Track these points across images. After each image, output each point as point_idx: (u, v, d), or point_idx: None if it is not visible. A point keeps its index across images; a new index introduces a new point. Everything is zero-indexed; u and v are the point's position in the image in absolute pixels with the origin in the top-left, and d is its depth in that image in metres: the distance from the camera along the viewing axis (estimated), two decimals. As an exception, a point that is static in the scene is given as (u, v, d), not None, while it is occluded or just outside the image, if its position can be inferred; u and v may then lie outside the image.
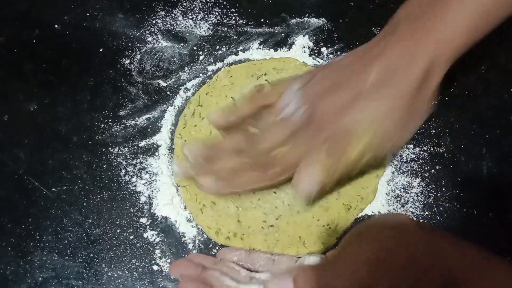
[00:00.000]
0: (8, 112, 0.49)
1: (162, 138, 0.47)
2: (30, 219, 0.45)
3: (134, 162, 0.47)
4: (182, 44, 0.51)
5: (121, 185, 0.46)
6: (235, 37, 0.51)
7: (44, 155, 0.47)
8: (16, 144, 0.47)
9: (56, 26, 0.52)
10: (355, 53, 0.38)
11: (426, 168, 0.46)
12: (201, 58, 0.51)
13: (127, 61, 0.50)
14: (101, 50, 0.51)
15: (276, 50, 0.51)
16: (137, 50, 0.51)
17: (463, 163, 0.46)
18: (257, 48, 0.51)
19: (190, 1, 0.53)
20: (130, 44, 0.51)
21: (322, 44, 0.51)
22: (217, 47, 0.51)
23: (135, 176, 0.46)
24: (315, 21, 0.52)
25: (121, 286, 0.43)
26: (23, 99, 0.49)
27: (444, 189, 0.45)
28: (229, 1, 0.53)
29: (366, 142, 0.35)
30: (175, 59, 0.51)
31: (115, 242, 0.44)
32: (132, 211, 0.45)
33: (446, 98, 0.48)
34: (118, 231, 0.44)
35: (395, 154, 0.45)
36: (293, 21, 0.52)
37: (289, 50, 0.51)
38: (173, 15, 0.52)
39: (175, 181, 0.46)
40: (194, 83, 0.50)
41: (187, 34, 0.52)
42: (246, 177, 0.39)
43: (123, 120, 0.48)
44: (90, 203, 0.45)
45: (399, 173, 0.46)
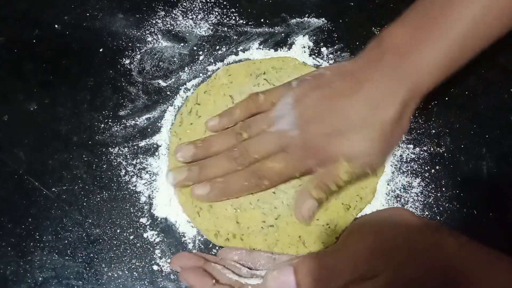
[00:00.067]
0: (8, 112, 0.49)
1: (162, 138, 0.47)
2: (30, 219, 0.45)
3: (134, 162, 0.47)
4: (182, 44, 0.51)
5: (121, 185, 0.46)
6: (235, 37, 0.51)
7: (44, 155, 0.47)
8: (16, 144, 0.47)
9: (56, 26, 0.52)
10: (340, 75, 0.40)
11: (426, 168, 0.46)
12: (201, 58, 0.51)
13: (127, 61, 0.50)
14: (101, 50, 0.51)
15: (276, 50, 0.51)
16: (137, 50, 0.51)
17: (463, 163, 0.46)
18: (257, 48, 0.51)
19: (190, 1, 0.53)
20: (130, 44, 0.51)
21: (322, 44, 0.51)
22: (217, 47, 0.51)
23: (135, 176, 0.46)
24: (315, 21, 0.52)
25: (121, 286, 0.43)
26: (23, 99, 0.49)
27: (444, 189, 0.45)
28: (229, 1, 0.53)
29: (350, 171, 0.39)
30: (175, 59, 0.51)
31: (115, 242, 0.44)
32: (132, 211, 0.45)
33: (446, 98, 0.48)
34: (118, 231, 0.44)
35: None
36: (293, 21, 0.52)
37: (289, 50, 0.51)
38: (173, 15, 0.52)
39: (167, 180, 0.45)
40: (194, 83, 0.50)
41: (187, 34, 0.52)
42: (238, 186, 0.42)
43: (123, 120, 0.48)
44: (90, 203, 0.45)
45: (399, 173, 0.46)
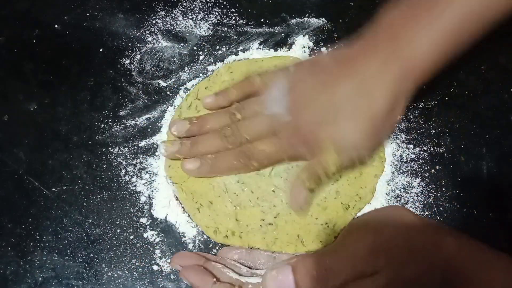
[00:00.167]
0: (8, 112, 0.49)
1: (162, 138, 0.47)
2: (30, 219, 0.45)
3: (134, 162, 0.47)
4: (182, 44, 0.51)
5: (121, 185, 0.46)
6: (235, 37, 0.51)
7: (44, 155, 0.47)
8: (16, 144, 0.47)
9: (56, 26, 0.52)
10: (337, 60, 0.40)
11: (426, 168, 0.46)
12: (201, 58, 0.51)
13: (127, 61, 0.50)
14: (101, 50, 0.51)
15: (276, 50, 0.51)
16: (137, 50, 0.51)
17: (463, 163, 0.46)
18: (257, 48, 0.51)
19: (190, 1, 0.53)
20: (130, 44, 0.51)
21: (322, 44, 0.51)
22: (217, 47, 0.51)
23: (135, 176, 0.46)
24: (315, 21, 0.52)
25: (121, 286, 0.43)
26: (23, 99, 0.49)
27: (444, 189, 0.45)
28: (229, 1, 0.53)
29: (338, 163, 0.39)
30: (175, 59, 0.51)
31: (115, 242, 0.44)
32: (132, 211, 0.45)
33: (446, 98, 0.48)
34: (118, 231, 0.44)
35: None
36: (293, 21, 0.52)
37: (289, 50, 0.51)
38: (173, 15, 0.52)
39: (166, 175, 0.45)
40: (194, 83, 0.50)
41: (187, 34, 0.52)
42: (226, 164, 0.42)
43: (123, 120, 0.48)
44: (90, 203, 0.45)
45: (399, 173, 0.46)
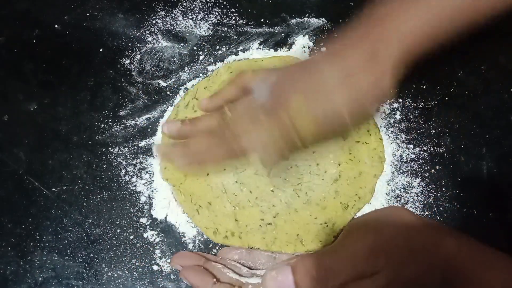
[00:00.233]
0: (8, 112, 0.49)
1: (159, 139, 0.47)
2: (30, 219, 0.45)
3: (134, 162, 0.47)
4: (182, 44, 0.51)
5: (121, 185, 0.46)
6: (235, 37, 0.51)
7: (44, 155, 0.47)
8: (16, 144, 0.47)
9: (56, 26, 0.52)
10: (326, 50, 0.42)
11: (426, 168, 0.46)
12: (201, 58, 0.51)
13: (127, 61, 0.50)
14: (101, 50, 0.51)
15: (276, 50, 0.51)
16: (137, 50, 0.51)
17: (463, 163, 0.46)
18: (257, 48, 0.51)
19: (190, 1, 0.53)
20: (130, 44, 0.51)
21: (322, 44, 0.51)
22: (217, 47, 0.51)
23: (135, 176, 0.46)
24: (315, 21, 0.52)
25: (121, 286, 0.43)
26: (23, 99, 0.49)
27: (444, 189, 0.45)
28: (229, 1, 0.53)
29: (315, 132, 0.38)
30: (175, 59, 0.51)
31: (115, 242, 0.44)
32: (132, 211, 0.45)
33: (446, 98, 0.48)
34: (118, 231, 0.44)
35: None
36: (293, 21, 0.52)
37: (289, 50, 0.51)
38: (173, 15, 0.52)
39: (163, 177, 0.45)
40: (194, 83, 0.50)
41: (187, 34, 0.52)
42: (214, 153, 0.42)
43: (123, 120, 0.48)
44: (90, 203, 0.45)
45: (399, 173, 0.46)
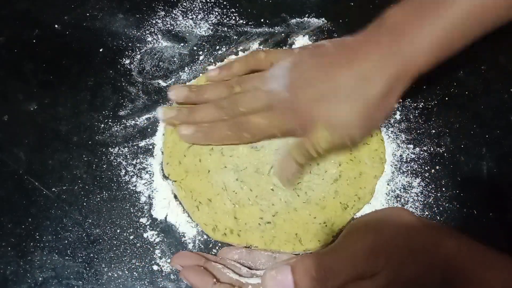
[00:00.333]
0: (8, 112, 0.49)
1: (159, 138, 0.47)
2: (30, 219, 0.45)
3: (134, 162, 0.47)
4: (182, 44, 0.51)
5: (121, 185, 0.46)
6: (235, 37, 0.51)
7: (44, 155, 0.47)
8: (16, 144, 0.47)
9: (56, 26, 0.52)
10: (340, 47, 0.42)
11: (426, 168, 0.46)
12: (201, 58, 0.51)
13: (127, 61, 0.50)
14: (101, 50, 0.51)
15: (276, 50, 0.51)
16: (137, 50, 0.51)
17: (463, 163, 0.46)
18: (257, 48, 0.51)
19: (190, 1, 0.53)
20: (130, 44, 0.51)
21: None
22: (217, 47, 0.51)
23: (135, 176, 0.46)
24: (315, 21, 0.52)
25: (121, 286, 0.43)
26: (23, 99, 0.49)
27: (444, 189, 0.45)
28: (229, 1, 0.53)
29: (330, 140, 0.40)
30: (175, 59, 0.51)
31: (115, 242, 0.44)
32: (132, 211, 0.45)
33: (446, 98, 0.48)
34: (118, 231, 0.44)
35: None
36: (293, 21, 0.52)
37: (289, 50, 0.51)
38: (173, 15, 0.52)
39: (164, 172, 0.45)
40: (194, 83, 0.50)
41: (187, 34, 0.52)
42: (220, 134, 0.43)
43: (123, 120, 0.48)
44: (90, 203, 0.45)
45: (399, 173, 0.46)
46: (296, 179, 0.43)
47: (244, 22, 0.52)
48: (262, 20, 0.52)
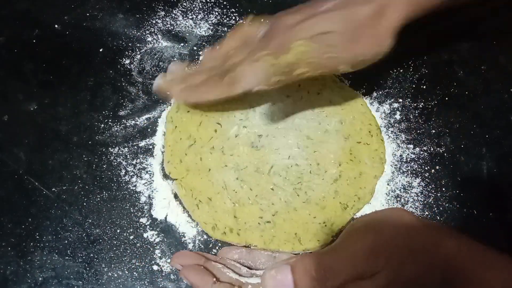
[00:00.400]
0: (8, 112, 0.49)
1: (159, 138, 0.47)
2: (30, 219, 0.45)
3: (134, 162, 0.47)
4: (182, 44, 0.51)
5: (121, 185, 0.46)
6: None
7: (44, 155, 0.47)
8: (16, 144, 0.47)
9: (56, 26, 0.52)
10: None
11: (426, 168, 0.46)
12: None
13: (127, 61, 0.50)
14: (101, 50, 0.51)
15: (276, 50, 0.51)
16: (137, 50, 0.51)
17: (463, 163, 0.46)
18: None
19: (190, 1, 0.53)
20: (130, 44, 0.51)
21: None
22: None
23: (135, 176, 0.46)
24: (315, 21, 0.52)
25: (121, 286, 0.43)
26: (23, 99, 0.49)
27: (444, 189, 0.45)
28: (229, 1, 0.53)
29: (304, 51, 0.37)
30: (175, 59, 0.51)
31: (115, 242, 0.44)
32: (132, 211, 0.45)
33: (446, 98, 0.48)
34: (118, 231, 0.44)
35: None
36: (293, 21, 0.52)
37: (289, 50, 0.51)
38: (173, 15, 0.52)
39: (165, 170, 0.45)
40: (194, 83, 0.50)
41: (187, 34, 0.52)
42: (210, 86, 0.42)
43: (123, 120, 0.48)
44: (90, 203, 0.45)
45: (399, 173, 0.46)
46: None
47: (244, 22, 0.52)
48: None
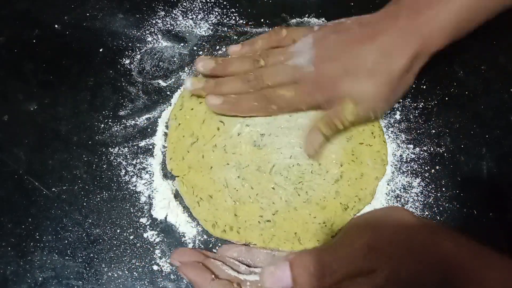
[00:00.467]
0: (8, 112, 0.49)
1: (158, 139, 0.47)
2: (30, 219, 0.45)
3: (134, 162, 0.47)
4: (182, 44, 0.51)
5: (121, 185, 0.46)
6: (235, 37, 0.51)
7: (44, 155, 0.47)
8: (16, 144, 0.47)
9: (56, 26, 0.52)
10: (360, 24, 0.44)
11: (426, 168, 0.46)
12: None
13: (127, 61, 0.50)
14: (101, 50, 0.51)
15: (276, 50, 0.51)
16: (137, 50, 0.51)
17: (463, 163, 0.46)
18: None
19: (190, 1, 0.53)
20: (130, 44, 0.51)
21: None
22: (217, 47, 0.51)
23: (135, 176, 0.46)
24: (315, 21, 0.52)
25: (121, 286, 0.43)
26: (23, 99, 0.49)
27: (444, 189, 0.45)
28: (229, 1, 0.53)
29: (355, 112, 0.42)
30: (175, 59, 0.51)
31: (115, 242, 0.44)
32: (132, 211, 0.45)
33: (446, 98, 0.48)
34: (118, 231, 0.44)
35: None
36: (293, 21, 0.52)
37: (289, 50, 0.51)
38: (173, 15, 0.52)
39: (168, 168, 0.46)
40: (194, 83, 0.50)
41: (187, 34, 0.52)
42: (247, 105, 0.45)
43: (123, 120, 0.48)
44: (90, 203, 0.45)
45: (399, 173, 0.46)
46: (321, 151, 0.45)
47: (244, 22, 0.52)
48: (262, 20, 0.52)
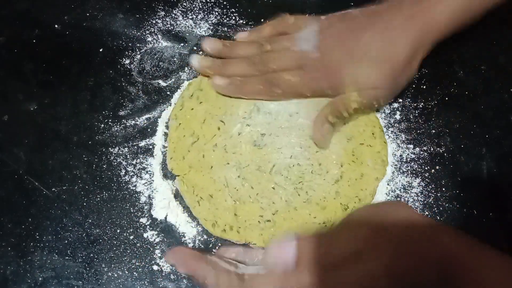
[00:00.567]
0: (8, 112, 0.49)
1: (158, 139, 0.47)
2: (30, 219, 0.45)
3: (134, 162, 0.47)
4: (182, 44, 0.51)
5: (121, 185, 0.46)
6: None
7: (44, 155, 0.47)
8: (16, 144, 0.47)
9: (56, 26, 0.52)
10: (365, 13, 0.44)
11: (426, 168, 0.46)
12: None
13: (127, 61, 0.50)
14: (101, 50, 0.51)
15: (276, 50, 0.51)
16: (137, 50, 0.51)
17: (463, 163, 0.46)
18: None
19: (190, 1, 0.53)
20: (130, 44, 0.51)
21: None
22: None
23: (135, 176, 0.46)
24: (315, 21, 0.52)
25: (121, 286, 0.43)
26: (23, 99, 0.49)
27: (444, 189, 0.45)
28: (229, 1, 0.53)
29: (359, 100, 0.42)
30: (175, 59, 0.51)
31: (115, 242, 0.44)
32: (132, 211, 0.45)
33: (446, 98, 0.48)
34: (118, 231, 0.44)
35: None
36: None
37: (289, 50, 0.51)
38: (173, 15, 0.52)
39: (168, 167, 0.46)
40: (194, 83, 0.50)
41: (187, 34, 0.52)
42: (252, 88, 0.46)
43: (123, 120, 0.48)
44: (90, 203, 0.45)
45: (399, 173, 0.46)
46: (329, 138, 0.45)
47: (244, 22, 0.52)
48: (262, 20, 0.52)
